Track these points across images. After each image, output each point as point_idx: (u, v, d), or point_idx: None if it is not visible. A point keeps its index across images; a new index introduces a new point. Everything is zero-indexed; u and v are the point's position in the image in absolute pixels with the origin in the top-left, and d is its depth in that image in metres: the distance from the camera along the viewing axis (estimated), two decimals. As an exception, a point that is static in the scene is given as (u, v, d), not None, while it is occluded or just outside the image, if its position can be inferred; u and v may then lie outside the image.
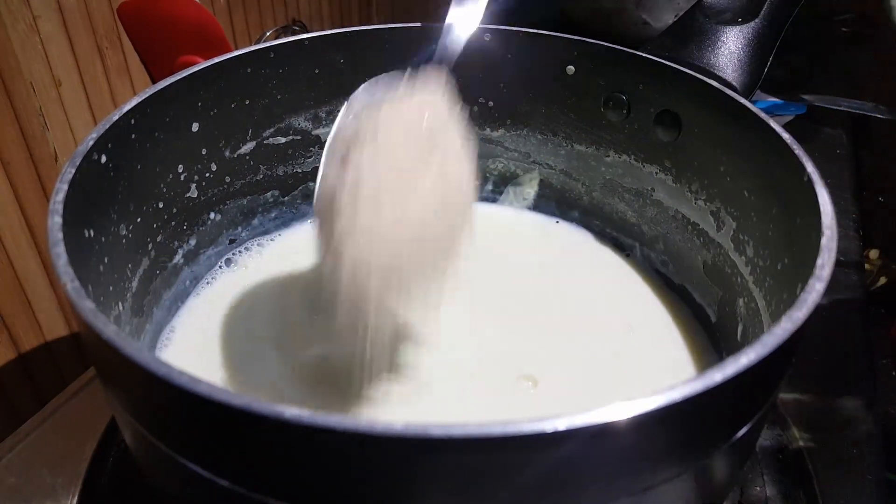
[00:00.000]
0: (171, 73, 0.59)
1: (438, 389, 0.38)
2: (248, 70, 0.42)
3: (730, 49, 0.43)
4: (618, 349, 0.41)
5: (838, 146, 0.74)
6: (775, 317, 0.33)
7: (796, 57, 0.95)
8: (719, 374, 0.22)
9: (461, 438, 0.19)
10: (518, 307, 0.44)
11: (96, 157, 0.32)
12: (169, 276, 0.41)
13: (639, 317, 0.43)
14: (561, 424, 0.20)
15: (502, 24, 0.46)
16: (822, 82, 0.88)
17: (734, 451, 0.28)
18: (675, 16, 0.87)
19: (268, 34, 0.77)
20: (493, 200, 0.54)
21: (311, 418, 0.19)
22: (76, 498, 0.39)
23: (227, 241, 0.46)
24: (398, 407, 0.37)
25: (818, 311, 0.25)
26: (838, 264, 0.57)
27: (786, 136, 0.34)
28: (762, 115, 0.36)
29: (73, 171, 0.30)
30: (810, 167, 0.31)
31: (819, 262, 0.26)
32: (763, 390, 0.27)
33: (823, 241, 0.27)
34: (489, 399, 0.38)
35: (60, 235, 0.27)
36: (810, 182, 0.31)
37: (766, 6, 0.42)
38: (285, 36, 0.76)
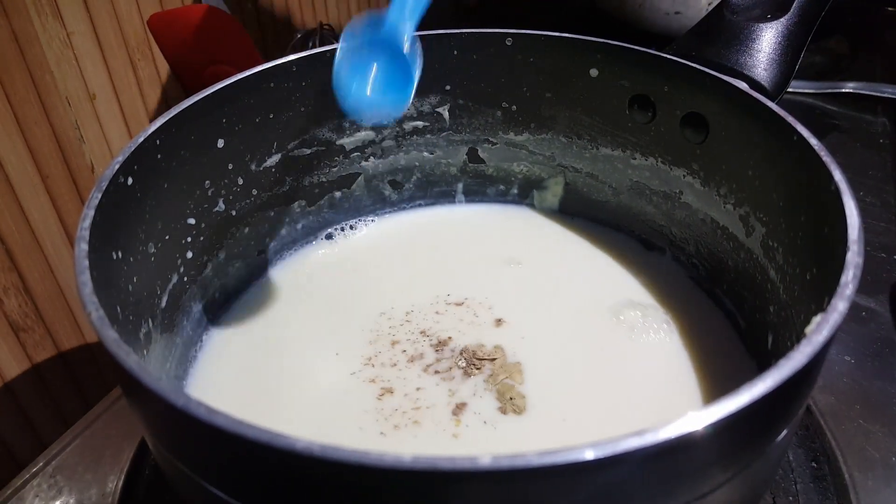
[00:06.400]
0: (202, 82, 0.60)
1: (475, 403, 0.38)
2: (271, 84, 0.42)
3: (759, 47, 0.41)
4: (648, 353, 0.40)
5: (881, 135, 0.72)
6: (804, 326, 0.32)
7: (837, 41, 0.92)
8: (766, 382, 0.22)
9: (475, 471, 0.19)
10: (544, 310, 0.44)
11: (123, 180, 0.33)
12: (198, 290, 0.42)
13: (670, 320, 0.43)
14: (609, 449, 0.19)
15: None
16: (864, 68, 0.85)
17: (771, 458, 0.28)
18: (709, 4, 0.85)
19: (298, 36, 0.77)
20: (519, 204, 0.53)
21: (322, 451, 0.20)
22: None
23: (256, 253, 0.47)
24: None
25: (855, 309, 0.24)
26: (880, 260, 0.54)
27: (813, 141, 0.33)
28: (789, 118, 0.35)
29: (100, 195, 0.31)
30: (838, 175, 0.30)
31: (843, 279, 0.25)
32: (798, 398, 0.26)
33: (849, 256, 0.26)
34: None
35: (87, 263, 0.27)
36: (837, 191, 0.30)
37: (796, 2, 0.41)
38: (314, 39, 0.77)
